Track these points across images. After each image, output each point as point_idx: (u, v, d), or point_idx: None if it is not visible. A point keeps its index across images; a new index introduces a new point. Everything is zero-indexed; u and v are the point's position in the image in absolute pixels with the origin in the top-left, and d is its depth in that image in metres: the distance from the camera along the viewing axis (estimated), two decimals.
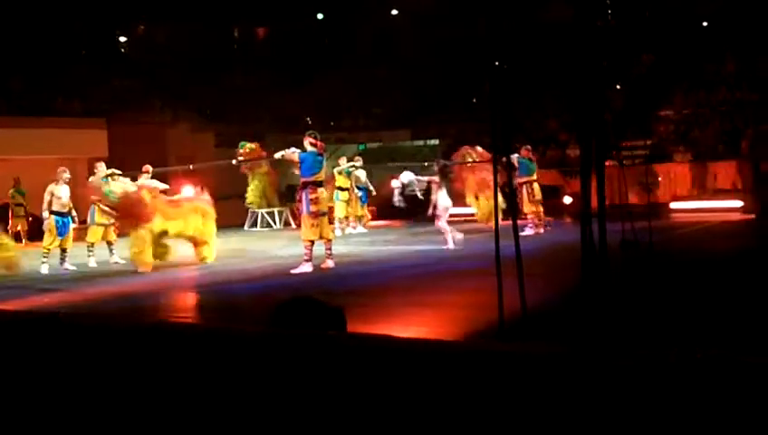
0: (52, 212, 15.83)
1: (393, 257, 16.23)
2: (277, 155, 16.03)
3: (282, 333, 4.15)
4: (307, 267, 13.86)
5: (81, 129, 28.90)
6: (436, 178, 17.13)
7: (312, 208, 13.94)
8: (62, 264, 16.00)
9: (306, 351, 3.62)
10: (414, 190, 18.21)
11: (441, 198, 16.76)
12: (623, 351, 3.21)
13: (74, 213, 16.23)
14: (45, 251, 15.95)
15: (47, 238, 15.94)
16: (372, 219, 26.37)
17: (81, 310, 10.89)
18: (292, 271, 13.84)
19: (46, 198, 15.90)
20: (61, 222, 15.83)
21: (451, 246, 16.23)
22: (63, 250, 16.03)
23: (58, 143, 28.12)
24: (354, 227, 23.18)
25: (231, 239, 21.22)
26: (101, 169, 16.95)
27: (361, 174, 23.87)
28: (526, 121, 31.91)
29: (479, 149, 22.13)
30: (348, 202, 22.91)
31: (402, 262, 15.38)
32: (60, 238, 15.85)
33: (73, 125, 28.80)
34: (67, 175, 16.20)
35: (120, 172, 16.94)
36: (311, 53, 35.29)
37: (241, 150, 24.95)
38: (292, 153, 14.66)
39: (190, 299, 12.44)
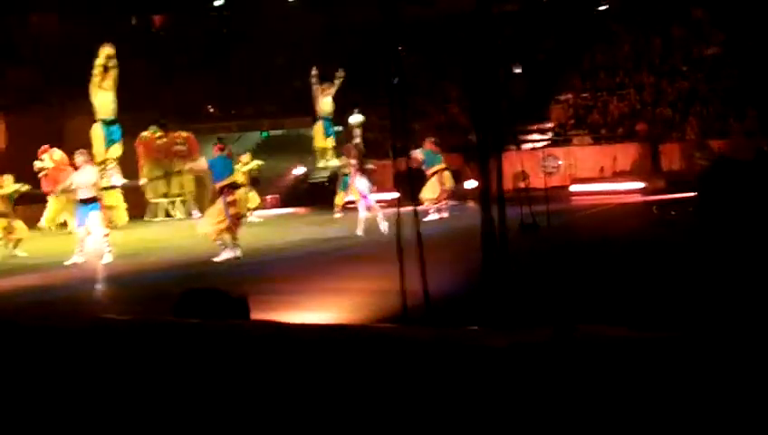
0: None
1: (297, 245, 16.23)
2: (186, 167, 15.96)
3: (181, 323, 4.13)
4: (229, 253, 13.88)
5: None
6: (354, 163, 17.34)
7: (231, 212, 13.90)
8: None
9: (208, 341, 3.62)
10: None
11: (361, 182, 16.91)
12: (498, 331, 3.28)
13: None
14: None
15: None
16: (276, 207, 26.36)
17: None
18: (215, 259, 13.79)
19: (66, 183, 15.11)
20: (81, 210, 14.67)
21: (383, 226, 16.10)
22: (82, 240, 14.69)
23: None
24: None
25: (135, 230, 20.93)
26: (8, 182, 16.66)
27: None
28: (427, 107, 32.13)
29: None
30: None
31: (306, 249, 15.42)
32: (80, 228, 14.69)
33: None
34: (83, 158, 14.86)
35: (28, 187, 16.86)
36: (210, 40, 34.92)
37: (154, 136, 24.93)
38: (201, 163, 14.93)
39: (95, 291, 12.21)
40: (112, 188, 19.58)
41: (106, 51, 16.30)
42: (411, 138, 19.13)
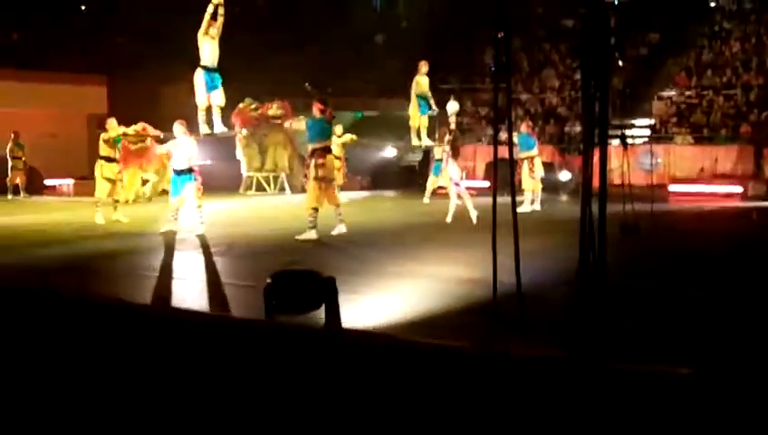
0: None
1: (385, 228, 16.12)
2: (285, 124, 16.01)
3: (276, 325, 4.00)
4: (311, 234, 13.74)
5: (82, 84, 28.87)
6: (448, 149, 17.15)
7: (321, 174, 13.87)
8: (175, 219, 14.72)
9: (299, 345, 3.49)
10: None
11: (454, 169, 16.72)
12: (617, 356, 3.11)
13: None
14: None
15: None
16: (366, 188, 26.41)
17: (74, 272, 10.93)
18: (297, 237, 13.72)
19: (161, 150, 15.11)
20: (176, 181, 14.63)
21: (473, 215, 15.86)
22: (176, 209, 14.62)
23: (58, 98, 28.13)
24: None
25: (228, 203, 21.11)
26: (113, 125, 16.78)
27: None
28: (523, 94, 31.74)
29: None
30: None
31: (394, 233, 15.29)
32: (174, 197, 14.60)
33: (74, 81, 28.76)
34: (182, 129, 14.65)
35: (131, 132, 16.93)
36: (311, 16, 35.02)
37: (249, 107, 25.13)
38: (299, 121, 14.85)
39: (181, 267, 12.25)
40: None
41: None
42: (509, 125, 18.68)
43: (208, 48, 15.28)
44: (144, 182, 20.89)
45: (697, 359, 5.35)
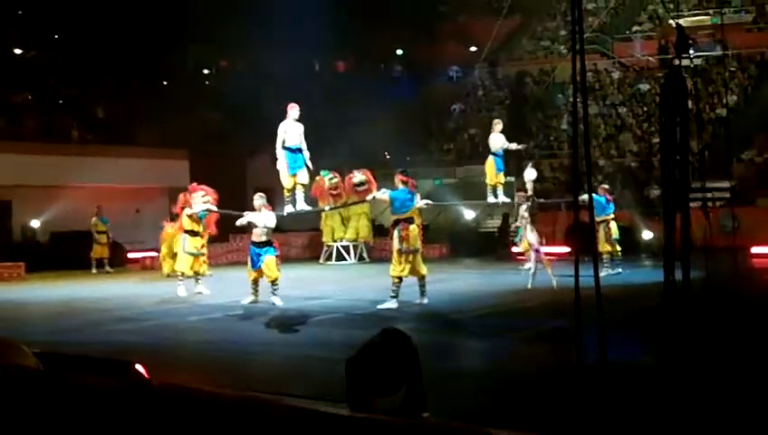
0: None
1: (470, 294, 16.09)
2: (369, 197, 16.28)
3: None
4: (392, 303, 13.82)
5: (164, 159, 29.48)
6: (527, 215, 17.19)
7: (404, 246, 13.94)
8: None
9: None
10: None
11: (533, 235, 16.73)
12: None
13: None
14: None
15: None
16: (444, 256, 26.41)
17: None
18: (378, 306, 13.81)
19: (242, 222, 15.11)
20: (255, 253, 14.88)
21: (554, 282, 15.74)
22: (255, 281, 14.98)
23: (141, 172, 28.68)
24: None
25: (309, 273, 21.25)
26: (197, 200, 16.79)
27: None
28: (601, 159, 31.53)
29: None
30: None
31: (479, 300, 15.28)
32: (253, 270, 14.89)
33: (156, 155, 29.39)
34: (262, 202, 14.98)
35: (215, 208, 16.86)
36: (389, 86, 35.49)
37: (325, 179, 25.24)
38: (383, 194, 14.96)
39: (262, 340, 12.32)
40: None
41: None
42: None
43: (289, 129, 15.37)
44: None
45: None
